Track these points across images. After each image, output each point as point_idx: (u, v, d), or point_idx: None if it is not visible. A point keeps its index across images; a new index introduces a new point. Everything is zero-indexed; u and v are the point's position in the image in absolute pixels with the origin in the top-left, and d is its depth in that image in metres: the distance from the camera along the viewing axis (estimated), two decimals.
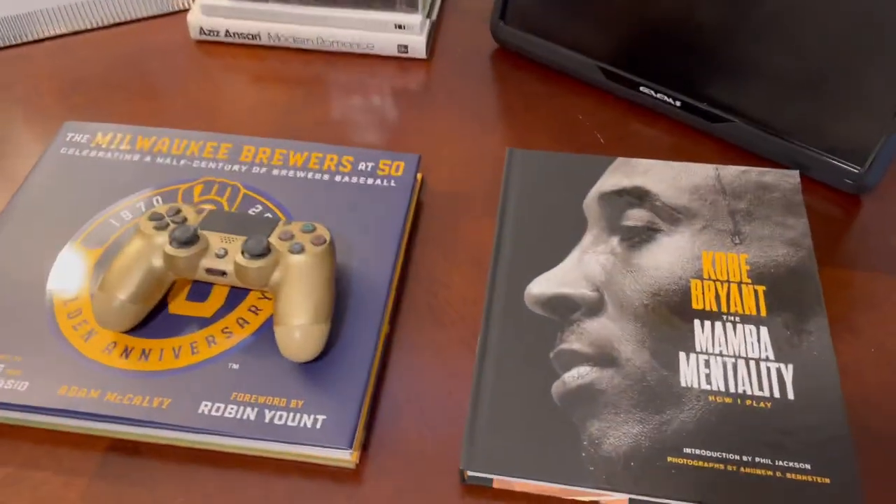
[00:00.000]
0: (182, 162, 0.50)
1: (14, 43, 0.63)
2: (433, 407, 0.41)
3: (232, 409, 0.38)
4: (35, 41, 0.63)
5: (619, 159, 0.51)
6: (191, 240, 0.40)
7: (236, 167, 0.50)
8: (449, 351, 0.43)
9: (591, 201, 0.48)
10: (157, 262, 0.40)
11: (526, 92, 0.59)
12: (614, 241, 0.46)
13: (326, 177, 0.49)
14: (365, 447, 0.39)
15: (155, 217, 0.41)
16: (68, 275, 0.44)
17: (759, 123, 0.52)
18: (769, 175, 0.49)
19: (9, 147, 0.55)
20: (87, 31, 0.64)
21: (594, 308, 0.43)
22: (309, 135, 0.56)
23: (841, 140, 0.50)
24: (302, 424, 0.38)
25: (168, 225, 0.41)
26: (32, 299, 0.42)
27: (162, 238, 0.40)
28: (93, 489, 0.38)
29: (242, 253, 0.40)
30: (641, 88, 0.56)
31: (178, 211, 0.42)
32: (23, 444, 0.39)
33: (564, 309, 0.43)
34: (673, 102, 0.55)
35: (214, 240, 0.41)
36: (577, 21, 0.57)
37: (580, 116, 0.57)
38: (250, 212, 0.47)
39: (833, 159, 0.50)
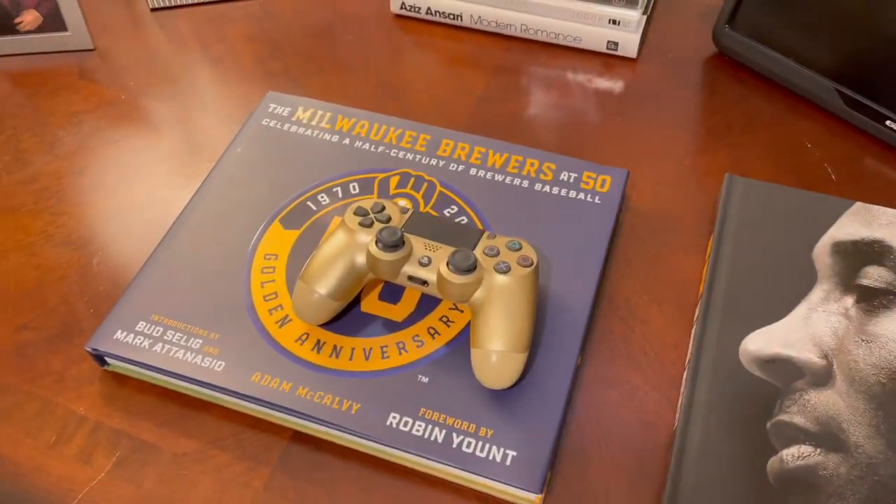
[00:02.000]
0: (380, 149, 0.48)
1: (215, 0, 0.63)
2: (624, 456, 0.38)
3: (420, 425, 0.37)
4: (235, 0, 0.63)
5: (858, 204, 0.44)
6: (397, 244, 0.38)
7: (433, 161, 0.48)
8: (644, 395, 0.40)
9: (822, 250, 0.43)
10: (360, 259, 0.39)
11: (746, 108, 0.53)
12: (848, 300, 0.40)
13: (526, 183, 0.46)
14: (548, 487, 0.37)
15: (360, 212, 0.40)
16: (266, 255, 0.44)
17: None
18: None
19: (210, 107, 0.55)
20: None
21: (821, 378, 0.38)
22: (503, 130, 0.53)
23: None
24: (491, 457, 0.36)
25: (373, 223, 0.39)
26: (231, 276, 0.43)
27: (366, 236, 0.39)
28: (275, 480, 0.37)
29: (447, 265, 0.37)
30: (888, 122, 0.49)
31: (383, 208, 0.40)
32: (210, 421, 0.40)
33: (786, 374, 0.38)
34: None
35: (418, 245, 0.39)
36: (816, 34, 0.50)
37: (808, 144, 0.51)
38: (446, 212, 0.45)
39: None
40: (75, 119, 0.55)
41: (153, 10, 0.63)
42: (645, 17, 0.56)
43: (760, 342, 0.39)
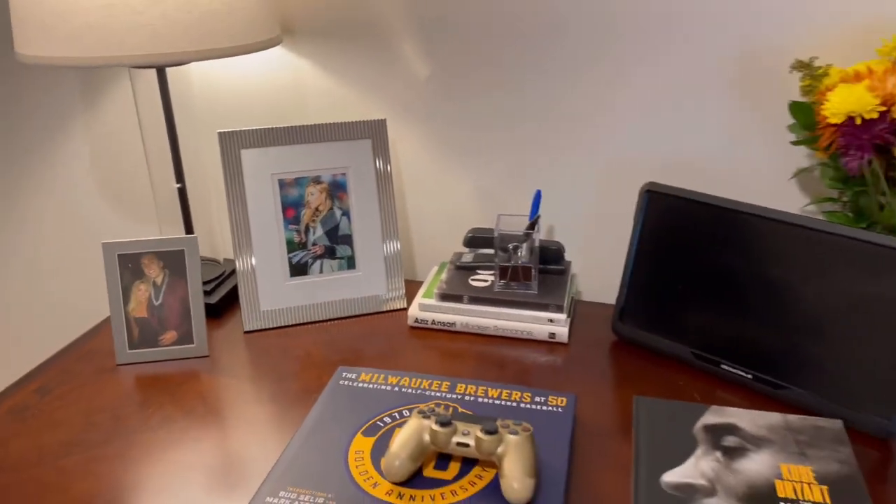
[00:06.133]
0: (419, 391, 0.76)
1: (288, 324, 0.95)
2: None
3: None
4: (302, 324, 0.95)
5: (714, 406, 0.74)
6: (448, 422, 0.64)
7: (455, 396, 0.75)
8: None
9: (698, 430, 0.70)
10: (426, 436, 0.64)
11: (641, 368, 0.85)
12: (718, 453, 0.67)
13: (514, 404, 0.74)
14: None
15: (421, 412, 0.66)
16: (357, 451, 0.67)
17: (810, 391, 0.76)
18: (821, 421, 0.71)
19: (293, 385, 0.83)
20: (336, 319, 0.96)
21: (708, 492, 0.62)
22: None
23: (870, 406, 0.72)
24: None
25: (431, 416, 0.66)
26: (336, 463, 0.66)
27: (429, 422, 0.65)
28: None
29: (481, 430, 0.63)
30: (722, 366, 0.81)
31: (434, 409, 0.67)
32: None
33: (689, 492, 0.63)
34: (746, 375, 0.80)
35: (461, 426, 0.65)
36: (674, 322, 0.85)
37: (681, 383, 0.81)
38: None
39: (865, 418, 0.72)
40: (200, 397, 0.81)
41: (246, 332, 0.94)
42: (569, 318, 0.91)
43: (673, 476, 0.64)
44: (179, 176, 0.97)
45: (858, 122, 0.68)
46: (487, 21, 0.94)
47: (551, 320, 0.89)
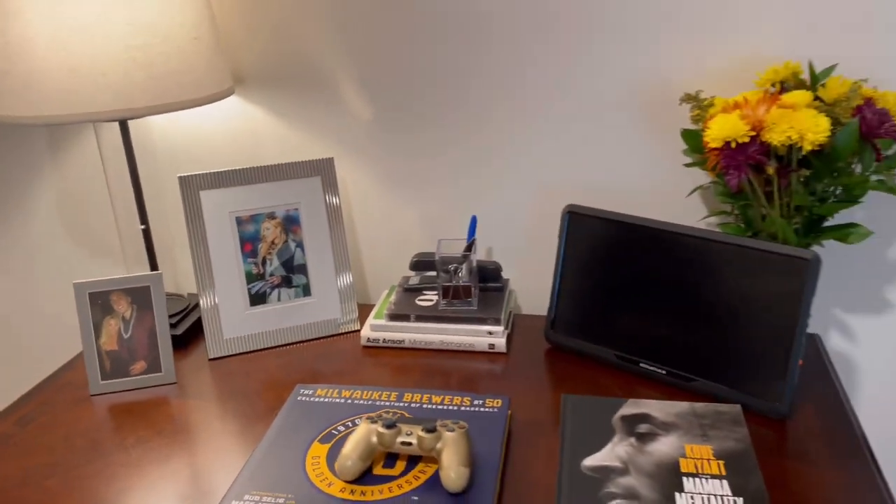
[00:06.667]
0: (370, 402, 0.84)
1: (250, 350, 1.03)
2: None
3: None
4: (263, 349, 1.03)
5: (631, 399, 0.83)
6: (393, 425, 0.72)
7: (402, 404, 0.84)
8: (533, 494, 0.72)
9: (616, 420, 0.80)
10: (374, 438, 0.72)
11: (570, 370, 0.94)
12: (632, 439, 0.77)
13: (455, 408, 0.83)
14: None
15: (370, 419, 0.75)
16: (313, 457, 0.75)
17: (715, 381, 0.86)
18: (722, 407, 0.81)
19: (256, 401, 0.90)
20: (294, 343, 1.04)
21: (623, 472, 0.72)
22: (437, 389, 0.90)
23: (764, 392, 0.83)
24: None
25: (377, 421, 0.74)
26: (295, 468, 0.74)
27: (376, 425, 0.73)
28: None
29: (422, 430, 0.72)
30: (641, 364, 0.91)
31: (381, 415, 0.75)
32: None
33: (606, 472, 0.72)
34: (661, 371, 0.90)
35: (405, 427, 0.73)
36: (599, 328, 0.95)
37: (605, 382, 0.91)
38: None
39: (760, 402, 0.83)
40: (170, 419, 0.88)
41: (210, 359, 1.01)
42: (507, 330, 1.00)
43: (593, 461, 0.74)
44: (143, 217, 1.05)
45: (734, 145, 0.79)
46: (416, 65, 1.05)
47: (490, 332, 0.99)
